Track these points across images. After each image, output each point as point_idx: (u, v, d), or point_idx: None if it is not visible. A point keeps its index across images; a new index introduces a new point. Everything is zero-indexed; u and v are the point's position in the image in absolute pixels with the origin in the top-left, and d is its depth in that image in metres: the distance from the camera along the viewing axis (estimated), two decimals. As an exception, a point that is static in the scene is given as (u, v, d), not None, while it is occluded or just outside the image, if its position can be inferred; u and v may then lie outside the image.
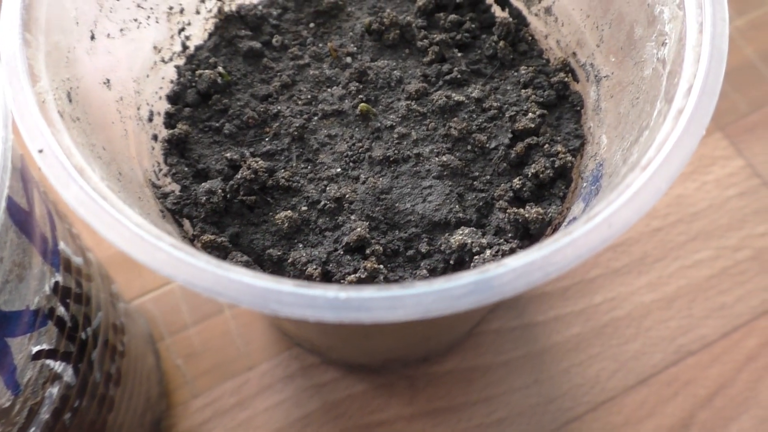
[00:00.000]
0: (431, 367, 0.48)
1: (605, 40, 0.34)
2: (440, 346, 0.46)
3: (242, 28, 0.39)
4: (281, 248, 0.33)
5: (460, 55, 0.39)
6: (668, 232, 0.52)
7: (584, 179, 0.34)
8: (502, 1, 0.40)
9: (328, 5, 0.40)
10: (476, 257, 0.32)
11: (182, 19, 0.38)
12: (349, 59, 0.39)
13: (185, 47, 0.39)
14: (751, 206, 0.53)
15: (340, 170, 0.35)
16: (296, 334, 0.43)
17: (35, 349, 0.29)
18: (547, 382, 0.48)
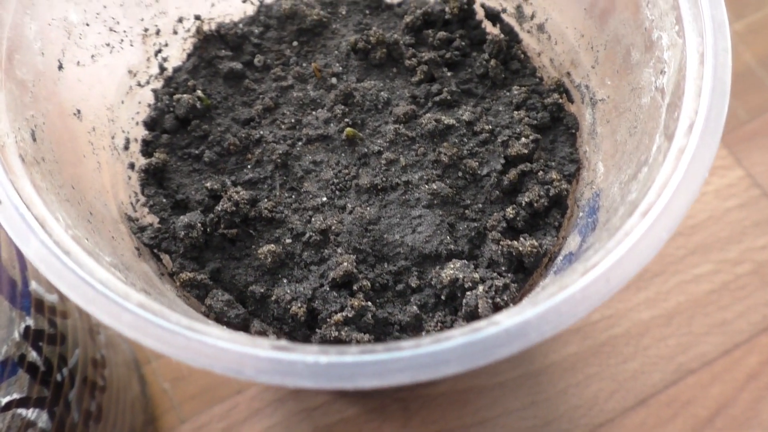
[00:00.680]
0: (425, 389, 0.47)
1: (600, 61, 0.32)
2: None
3: (222, 48, 0.38)
4: (264, 284, 0.32)
5: (449, 74, 0.37)
6: (667, 245, 0.51)
7: (580, 208, 0.32)
8: (493, 16, 0.38)
9: (311, 23, 0.38)
10: (468, 293, 0.30)
11: (158, 40, 0.36)
12: (334, 80, 0.37)
13: (163, 69, 0.37)
14: (751, 218, 0.52)
15: (325, 199, 0.34)
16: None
17: (5, 400, 0.28)
18: (543, 403, 0.47)
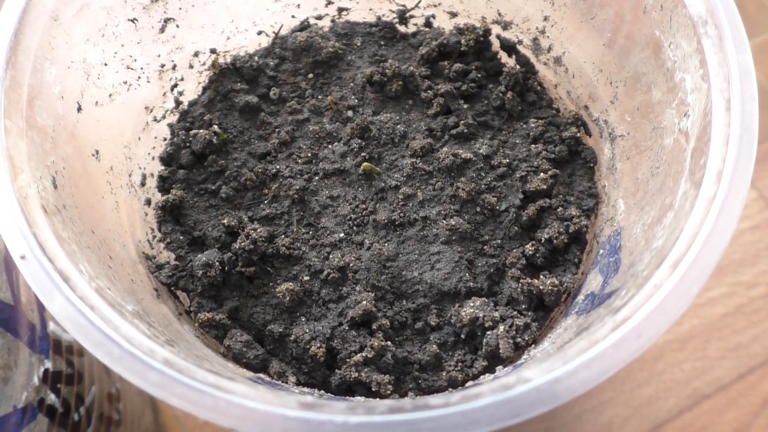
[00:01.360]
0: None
1: (620, 97, 0.32)
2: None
3: (238, 81, 0.37)
4: (283, 323, 0.32)
5: (466, 106, 0.37)
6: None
7: (600, 244, 0.32)
8: (509, 48, 0.38)
9: (327, 55, 0.38)
10: (489, 332, 0.30)
11: (174, 75, 0.36)
12: (350, 113, 0.37)
13: (178, 103, 0.37)
14: (764, 240, 0.51)
15: (343, 235, 0.34)
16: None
17: (25, 446, 0.27)
18: (558, 429, 0.46)
